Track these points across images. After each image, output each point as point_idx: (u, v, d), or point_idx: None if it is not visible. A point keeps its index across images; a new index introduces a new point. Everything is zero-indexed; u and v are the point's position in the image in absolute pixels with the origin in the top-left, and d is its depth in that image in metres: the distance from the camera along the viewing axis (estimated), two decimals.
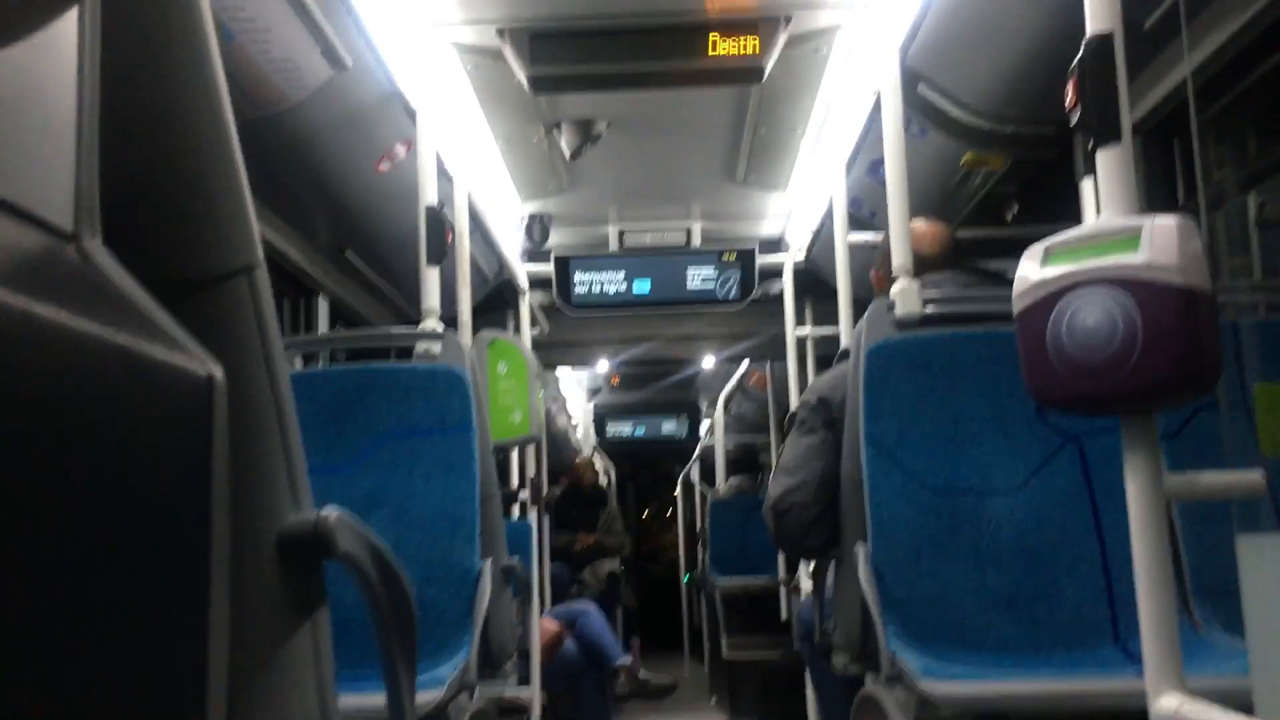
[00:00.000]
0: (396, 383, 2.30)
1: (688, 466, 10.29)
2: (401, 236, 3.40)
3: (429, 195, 2.70)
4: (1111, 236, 1.22)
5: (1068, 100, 1.30)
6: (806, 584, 3.90)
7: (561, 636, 5.01)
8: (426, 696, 1.84)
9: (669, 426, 10.15)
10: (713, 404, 8.88)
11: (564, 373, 8.34)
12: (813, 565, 2.78)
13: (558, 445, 9.80)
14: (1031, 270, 1.30)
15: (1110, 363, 1.19)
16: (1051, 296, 1.25)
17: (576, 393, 9.60)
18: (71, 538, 0.41)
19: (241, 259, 0.65)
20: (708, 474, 9.47)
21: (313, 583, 0.72)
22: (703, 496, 9.50)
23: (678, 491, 10.70)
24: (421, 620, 2.14)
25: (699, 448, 10.12)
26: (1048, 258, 1.28)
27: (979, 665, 1.86)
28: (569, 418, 9.57)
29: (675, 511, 10.84)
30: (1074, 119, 1.30)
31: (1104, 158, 1.26)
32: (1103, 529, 1.95)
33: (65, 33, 0.50)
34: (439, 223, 2.67)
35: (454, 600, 2.16)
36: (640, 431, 10.21)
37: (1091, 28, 1.29)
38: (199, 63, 0.63)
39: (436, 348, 2.43)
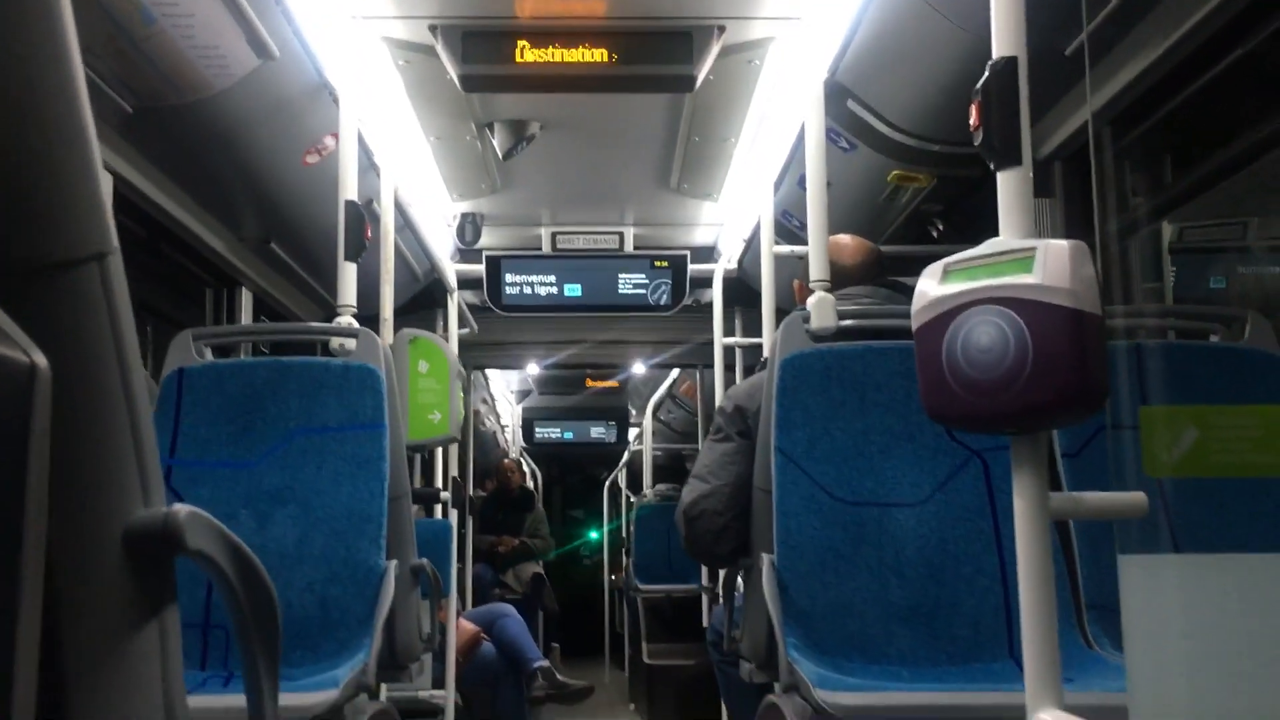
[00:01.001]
0: (308, 378, 2.27)
1: (614, 472, 10.30)
2: (327, 230, 3.35)
3: (349, 189, 2.67)
4: (1007, 257, 1.24)
5: (971, 122, 1.32)
6: None
7: (479, 638, 4.98)
8: (321, 697, 1.82)
9: (598, 431, 10.16)
10: (642, 410, 8.89)
11: (494, 375, 8.31)
12: (723, 573, 2.79)
13: (486, 446, 9.75)
14: (930, 287, 1.31)
15: (1000, 382, 1.20)
16: (947, 314, 1.27)
17: (505, 395, 9.57)
18: None
19: (92, 246, 0.63)
20: (635, 481, 9.48)
21: (162, 580, 0.70)
22: (629, 502, 9.51)
23: (604, 496, 10.71)
24: (323, 620, 2.12)
25: (626, 453, 10.13)
26: (946, 275, 1.30)
27: (876, 676, 1.87)
28: (498, 418, 9.53)
29: (602, 515, 10.86)
30: (977, 140, 1.32)
31: (1004, 180, 1.28)
32: (1002, 544, 1.98)
33: None
34: (359, 218, 2.64)
35: (357, 600, 2.13)
36: (569, 435, 10.21)
37: (997, 50, 1.31)
38: (48, 40, 0.61)
39: (351, 344, 2.40)
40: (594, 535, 12.29)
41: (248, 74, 2.61)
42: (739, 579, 2.44)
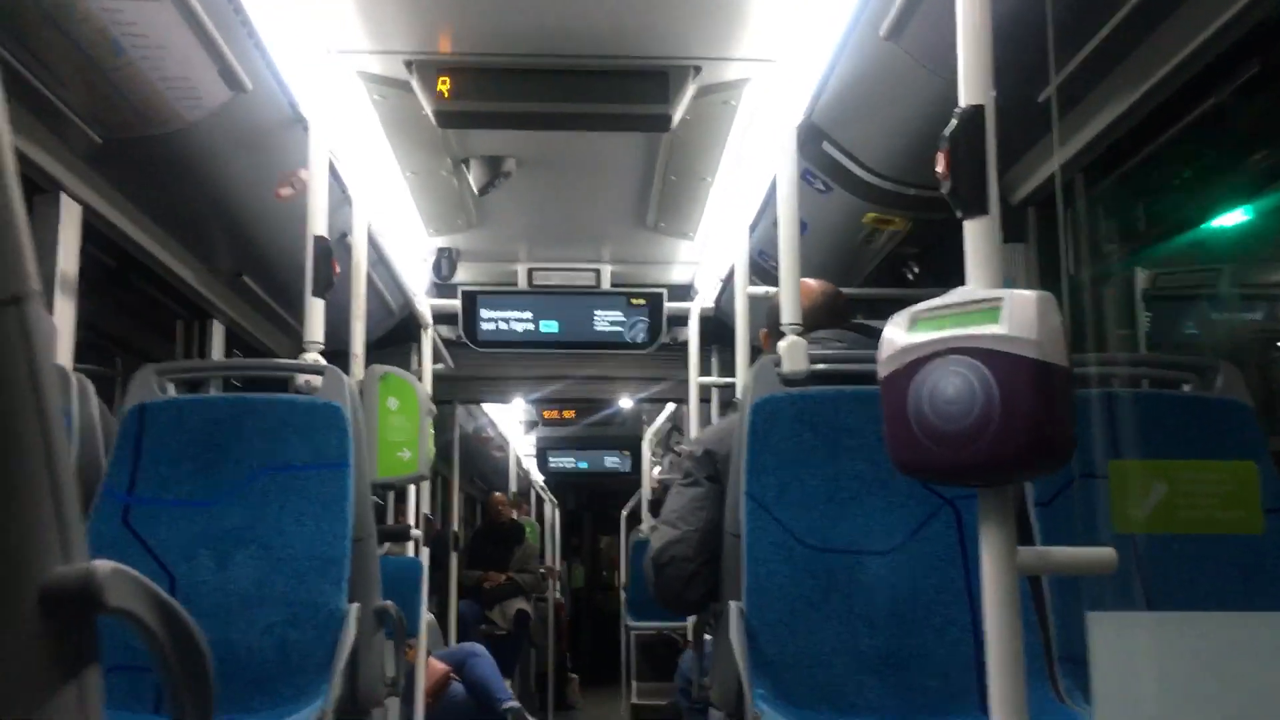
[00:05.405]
0: (272, 415, 2.24)
1: (630, 503, 10.23)
2: (300, 264, 3.33)
3: (318, 224, 2.64)
4: (974, 307, 1.23)
5: (939, 170, 1.30)
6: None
7: (448, 678, 4.91)
8: None
9: (612, 461, 10.05)
10: (658, 439, 8.87)
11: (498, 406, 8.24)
12: (693, 619, 2.75)
13: (500, 473, 9.70)
14: (897, 335, 1.29)
15: (967, 433, 1.18)
16: (914, 364, 1.25)
17: (513, 425, 9.52)
18: None
19: (8, 288, 0.61)
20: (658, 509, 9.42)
21: (81, 639, 0.67)
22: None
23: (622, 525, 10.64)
24: (282, 663, 2.07)
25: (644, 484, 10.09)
26: (914, 324, 1.28)
27: None
28: (508, 445, 9.51)
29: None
30: (944, 189, 1.30)
31: (971, 229, 1.27)
32: (974, 594, 1.95)
33: None
34: (326, 253, 2.61)
35: (317, 644, 2.08)
36: (583, 465, 10.10)
37: (964, 99, 1.30)
38: None
39: (318, 380, 2.37)
40: None
41: (219, 106, 2.59)
42: (708, 625, 2.40)
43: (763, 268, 3.88)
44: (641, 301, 4.72)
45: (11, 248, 0.61)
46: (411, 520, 4.59)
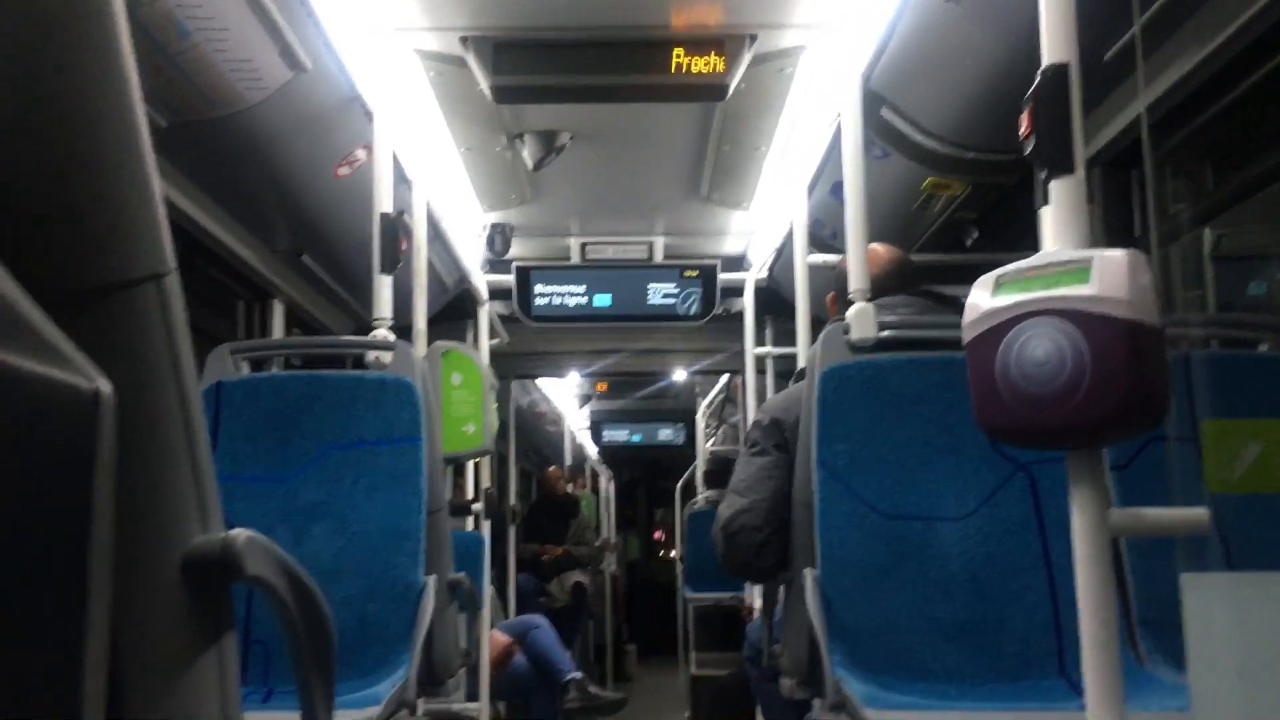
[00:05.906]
0: (344, 391, 2.26)
1: (685, 475, 10.25)
2: (359, 242, 3.36)
3: (384, 202, 2.66)
4: (1062, 268, 1.21)
5: (1022, 130, 1.29)
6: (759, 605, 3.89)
7: (512, 650, 4.97)
8: (363, 714, 1.81)
9: (665, 433, 10.05)
10: (710, 411, 8.88)
11: (552, 380, 8.28)
12: (762, 587, 2.76)
13: (555, 447, 9.77)
14: (982, 299, 1.28)
15: (1057, 396, 1.17)
16: (1001, 326, 1.24)
17: (567, 399, 9.57)
18: None
19: (149, 266, 0.62)
20: (714, 480, 9.45)
21: (220, 606, 0.69)
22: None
23: (676, 499, 10.67)
24: (361, 636, 2.11)
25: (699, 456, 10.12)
26: (998, 287, 1.27)
27: (924, 695, 1.84)
28: (562, 420, 9.56)
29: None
30: (1028, 149, 1.29)
31: (1057, 189, 1.25)
32: (1051, 559, 1.94)
33: None
34: (393, 231, 2.63)
35: (396, 616, 2.12)
36: (637, 438, 10.11)
37: (1048, 58, 1.28)
38: (107, 59, 0.59)
39: (387, 357, 2.39)
40: None
41: (280, 87, 2.61)
42: (779, 593, 2.41)
43: (818, 237, 3.86)
44: (695, 273, 4.72)
45: (152, 229, 0.62)
46: (471, 495, 4.63)
